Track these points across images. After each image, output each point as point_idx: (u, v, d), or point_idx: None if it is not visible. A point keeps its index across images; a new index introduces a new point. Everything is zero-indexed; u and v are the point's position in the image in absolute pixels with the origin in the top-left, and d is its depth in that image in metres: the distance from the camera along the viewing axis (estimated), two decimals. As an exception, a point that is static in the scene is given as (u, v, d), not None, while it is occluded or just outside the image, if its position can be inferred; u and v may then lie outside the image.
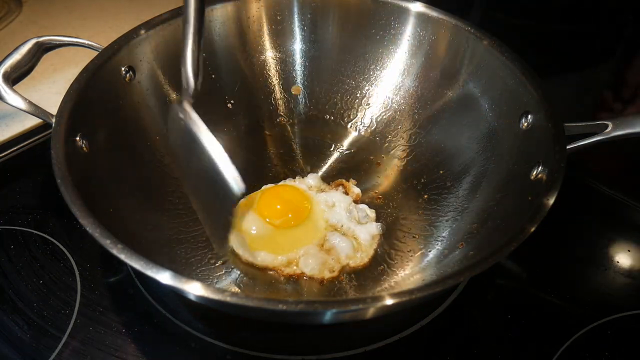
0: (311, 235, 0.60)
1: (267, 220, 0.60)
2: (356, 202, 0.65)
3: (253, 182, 0.66)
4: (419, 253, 0.59)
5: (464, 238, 0.57)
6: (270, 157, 0.70)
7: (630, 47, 0.85)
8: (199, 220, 0.61)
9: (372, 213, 0.63)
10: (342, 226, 0.61)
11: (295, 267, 0.57)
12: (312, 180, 0.66)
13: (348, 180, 0.67)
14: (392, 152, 0.70)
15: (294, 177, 0.67)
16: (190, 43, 0.49)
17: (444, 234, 0.60)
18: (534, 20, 0.79)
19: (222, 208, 0.45)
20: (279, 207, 0.61)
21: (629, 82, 0.90)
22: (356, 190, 0.66)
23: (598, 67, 0.86)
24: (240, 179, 0.42)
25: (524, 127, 0.58)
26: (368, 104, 0.74)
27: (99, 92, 0.58)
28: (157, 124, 0.65)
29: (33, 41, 0.59)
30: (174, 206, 0.61)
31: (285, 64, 0.74)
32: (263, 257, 0.57)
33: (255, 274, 0.57)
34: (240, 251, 0.58)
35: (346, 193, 0.65)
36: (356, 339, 0.53)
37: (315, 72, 0.74)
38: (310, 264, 0.57)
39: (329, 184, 0.67)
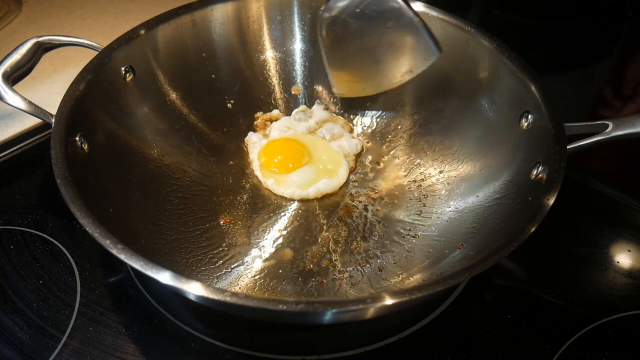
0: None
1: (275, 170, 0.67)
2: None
3: (252, 180, 0.67)
4: (419, 253, 0.59)
5: (464, 238, 0.57)
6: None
7: (630, 44, 0.85)
8: (199, 220, 0.61)
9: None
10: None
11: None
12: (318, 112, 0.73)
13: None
14: (392, 152, 0.70)
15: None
16: None
17: (444, 234, 0.60)
18: (533, 18, 0.79)
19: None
20: (277, 159, 0.67)
21: (629, 79, 0.90)
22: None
23: (598, 64, 0.86)
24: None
25: (524, 127, 0.58)
26: (368, 104, 0.74)
27: (99, 92, 0.58)
28: (157, 124, 0.65)
29: (33, 41, 0.59)
30: (174, 206, 0.61)
31: (285, 64, 0.74)
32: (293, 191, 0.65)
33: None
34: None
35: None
36: (356, 339, 0.53)
37: (315, 72, 0.74)
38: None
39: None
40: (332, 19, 0.65)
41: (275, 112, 0.73)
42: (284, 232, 0.62)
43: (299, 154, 0.67)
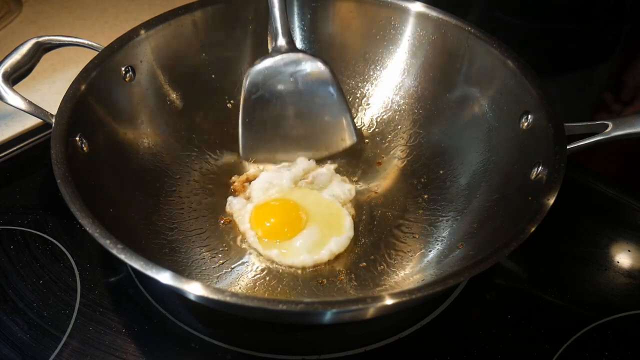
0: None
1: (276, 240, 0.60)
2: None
3: (253, 182, 0.67)
4: (419, 253, 0.59)
5: (464, 238, 0.57)
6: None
7: (630, 48, 0.85)
8: (199, 220, 0.61)
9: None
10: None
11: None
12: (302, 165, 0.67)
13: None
14: (392, 152, 0.70)
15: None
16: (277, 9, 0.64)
17: (444, 234, 0.60)
18: (534, 20, 0.79)
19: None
20: (275, 226, 0.60)
21: (629, 84, 0.90)
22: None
23: (597, 67, 0.86)
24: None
25: (524, 127, 0.58)
26: (368, 104, 0.74)
27: (99, 92, 0.58)
28: (157, 124, 0.65)
29: (33, 41, 0.59)
30: (174, 206, 0.62)
31: (285, 64, 0.74)
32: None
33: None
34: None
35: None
36: (356, 339, 0.53)
37: (315, 72, 0.74)
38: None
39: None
40: (254, 80, 0.64)
41: (251, 170, 0.67)
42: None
43: (297, 216, 0.60)
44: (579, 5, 0.77)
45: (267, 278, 0.57)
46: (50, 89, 0.80)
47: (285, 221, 0.60)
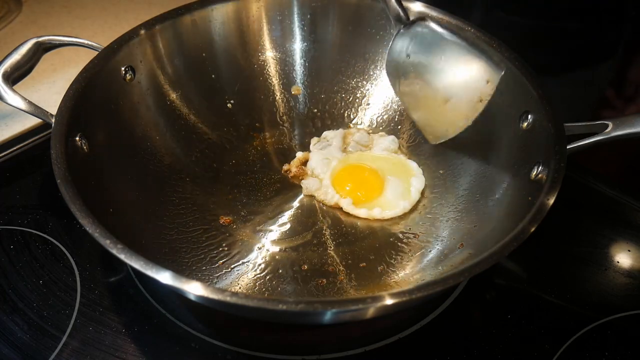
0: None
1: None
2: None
3: (252, 180, 0.67)
4: (419, 253, 0.59)
5: (464, 238, 0.57)
6: (270, 156, 0.70)
7: (632, 45, 0.85)
8: (199, 220, 0.61)
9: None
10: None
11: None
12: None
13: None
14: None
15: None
16: None
17: (444, 234, 0.60)
18: (535, 19, 0.79)
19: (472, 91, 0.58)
20: (360, 186, 0.65)
21: (631, 80, 0.90)
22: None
23: (600, 65, 0.86)
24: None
25: (524, 127, 0.58)
26: (368, 104, 0.74)
27: (98, 92, 0.58)
28: (157, 124, 0.65)
29: (33, 41, 0.59)
30: (174, 206, 0.62)
31: (285, 64, 0.74)
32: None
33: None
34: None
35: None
36: (356, 339, 0.53)
37: (315, 72, 0.74)
38: None
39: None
40: (393, 66, 0.63)
41: (298, 154, 0.70)
42: (285, 232, 0.62)
43: (375, 174, 0.66)
44: (580, 4, 0.77)
45: (267, 278, 0.57)
46: (50, 89, 0.80)
47: (370, 181, 0.66)
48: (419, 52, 0.61)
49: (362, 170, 0.67)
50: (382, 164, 0.68)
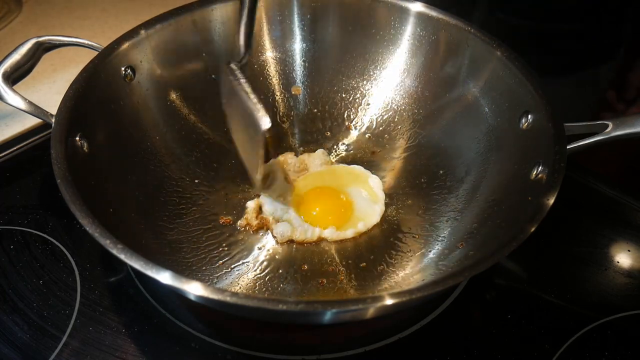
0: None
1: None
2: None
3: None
4: (419, 253, 0.59)
5: (464, 238, 0.57)
6: (270, 157, 0.70)
7: (633, 48, 0.85)
8: (199, 220, 0.61)
9: None
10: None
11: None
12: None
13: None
14: (392, 152, 0.70)
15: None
16: (244, 19, 0.60)
17: (444, 234, 0.60)
18: (535, 21, 0.79)
19: (254, 143, 0.54)
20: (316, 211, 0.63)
21: (632, 83, 0.90)
22: None
23: (601, 67, 0.86)
24: (265, 116, 0.52)
25: (524, 127, 0.58)
26: (368, 104, 0.74)
27: (99, 92, 0.58)
28: (157, 124, 0.65)
29: (33, 41, 0.59)
30: (174, 206, 0.61)
31: (285, 64, 0.74)
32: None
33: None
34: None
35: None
36: (356, 339, 0.53)
37: (315, 72, 0.74)
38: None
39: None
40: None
41: (249, 204, 0.64)
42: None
43: (337, 197, 0.64)
44: (581, 5, 0.77)
45: (267, 278, 0.57)
46: (50, 89, 0.80)
47: (340, 201, 0.64)
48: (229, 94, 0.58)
49: (326, 194, 0.64)
50: (333, 179, 0.66)
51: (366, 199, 0.64)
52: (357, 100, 0.74)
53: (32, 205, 0.64)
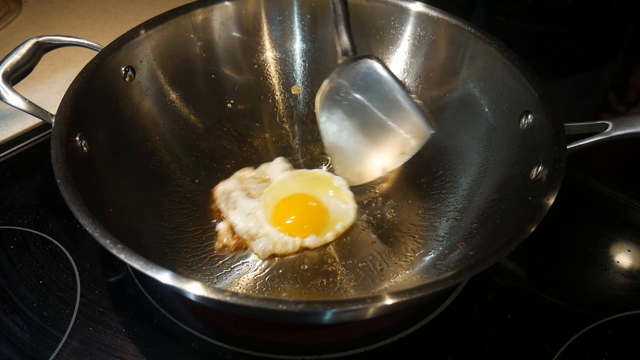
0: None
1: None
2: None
3: (253, 182, 0.67)
4: (418, 253, 0.59)
5: (464, 238, 0.57)
6: (270, 157, 0.70)
7: (633, 50, 0.85)
8: (199, 220, 0.61)
9: None
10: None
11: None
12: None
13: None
14: (392, 152, 0.70)
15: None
16: (343, 18, 0.62)
17: (444, 234, 0.60)
18: (535, 24, 0.79)
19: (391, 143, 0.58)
20: (291, 220, 0.61)
21: (633, 85, 0.90)
22: None
23: (601, 69, 0.86)
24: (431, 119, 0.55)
25: (524, 127, 0.58)
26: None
27: (99, 92, 0.58)
28: (157, 124, 0.65)
29: (33, 41, 0.59)
30: (174, 206, 0.62)
31: (285, 64, 0.74)
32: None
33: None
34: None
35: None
36: (356, 339, 0.53)
37: (315, 72, 0.74)
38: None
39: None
40: (326, 97, 0.61)
41: (220, 225, 0.61)
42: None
43: (310, 206, 0.63)
44: (582, 7, 0.77)
45: (267, 278, 0.57)
46: (50, 89, 0.80)
47: (312, 207, 0.63)
48: (357, 91, 0.60)
49: (298, 203, 0.63)
50: (299, 186, 0.65)
51: (336, 200, 0.64)
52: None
53: (32, 205, 0.64)
